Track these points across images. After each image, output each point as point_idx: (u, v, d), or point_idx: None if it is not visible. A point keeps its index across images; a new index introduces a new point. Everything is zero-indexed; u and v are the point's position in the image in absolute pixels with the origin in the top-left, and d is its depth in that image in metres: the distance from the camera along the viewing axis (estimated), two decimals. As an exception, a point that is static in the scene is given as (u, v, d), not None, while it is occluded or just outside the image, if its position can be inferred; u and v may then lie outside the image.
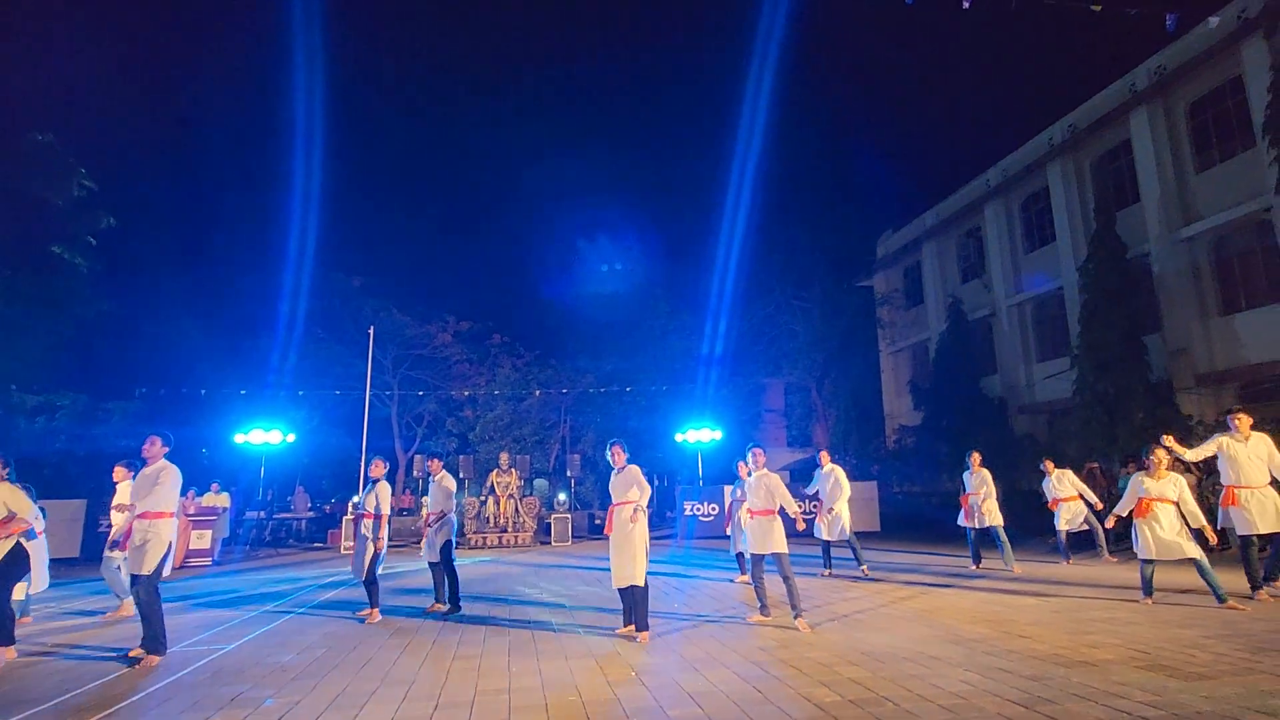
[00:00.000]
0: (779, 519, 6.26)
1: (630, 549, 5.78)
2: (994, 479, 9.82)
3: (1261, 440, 7.01)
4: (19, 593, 6.44)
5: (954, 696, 4.03)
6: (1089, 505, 10.17)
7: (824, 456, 9.70)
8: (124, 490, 7.10)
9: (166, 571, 5.51)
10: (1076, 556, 10.17)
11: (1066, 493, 10.21)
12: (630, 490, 5.98)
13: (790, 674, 4.61)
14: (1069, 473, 10.46)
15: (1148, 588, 6.77)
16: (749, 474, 6.54)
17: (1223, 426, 7.40)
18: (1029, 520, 13.62)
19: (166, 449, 5.61)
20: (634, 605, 5.81)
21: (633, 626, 5.84)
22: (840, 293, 27.19)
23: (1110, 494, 11.59)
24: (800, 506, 14.02)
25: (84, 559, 12.28)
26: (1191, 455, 7.26)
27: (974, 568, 9.57)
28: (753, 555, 6.35)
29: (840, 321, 26.43)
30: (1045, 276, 19.61)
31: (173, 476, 5.53)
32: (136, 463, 5.80)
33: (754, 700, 4.10)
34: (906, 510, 19.92)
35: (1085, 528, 10.14)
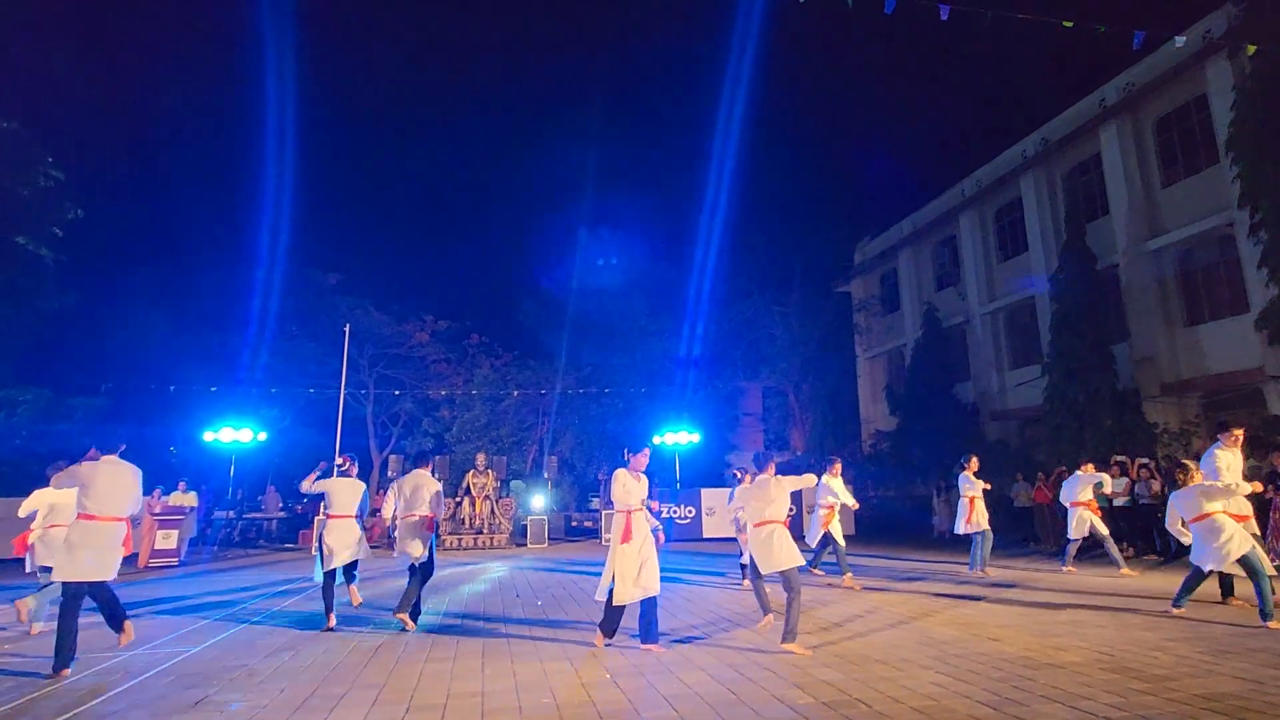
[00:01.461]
0: (781, 529, 5.63)
1: (654, 557, 5.57)
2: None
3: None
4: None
5: (925, 698, 4.08)
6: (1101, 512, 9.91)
7: (837, 466, 9.48)
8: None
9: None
10: (1086, 565, 10.13)
11: (1084, 498, 9.72)
12: (644, 497, 5.80)
13: (765, 676, 4.63)
14: (1093, 476, 9.88)
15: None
16: (751, 481, 6.21)
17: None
18: (999, 525, 13.84)
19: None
20: (649, 615, 5.48)
21: (607, 637, 5.62)
22: (818, 298, 27.50)
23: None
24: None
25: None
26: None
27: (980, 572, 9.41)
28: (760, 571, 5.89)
29: (818, 326, 26.71)
30: (1031, 280, 19.73)
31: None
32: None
33: (728, 702, 4.11)
34: (881, 514, 20.15)
35: (1089, 535, 9.65)
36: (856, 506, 9.74)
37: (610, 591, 5.49)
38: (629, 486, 5.70)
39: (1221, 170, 14.91)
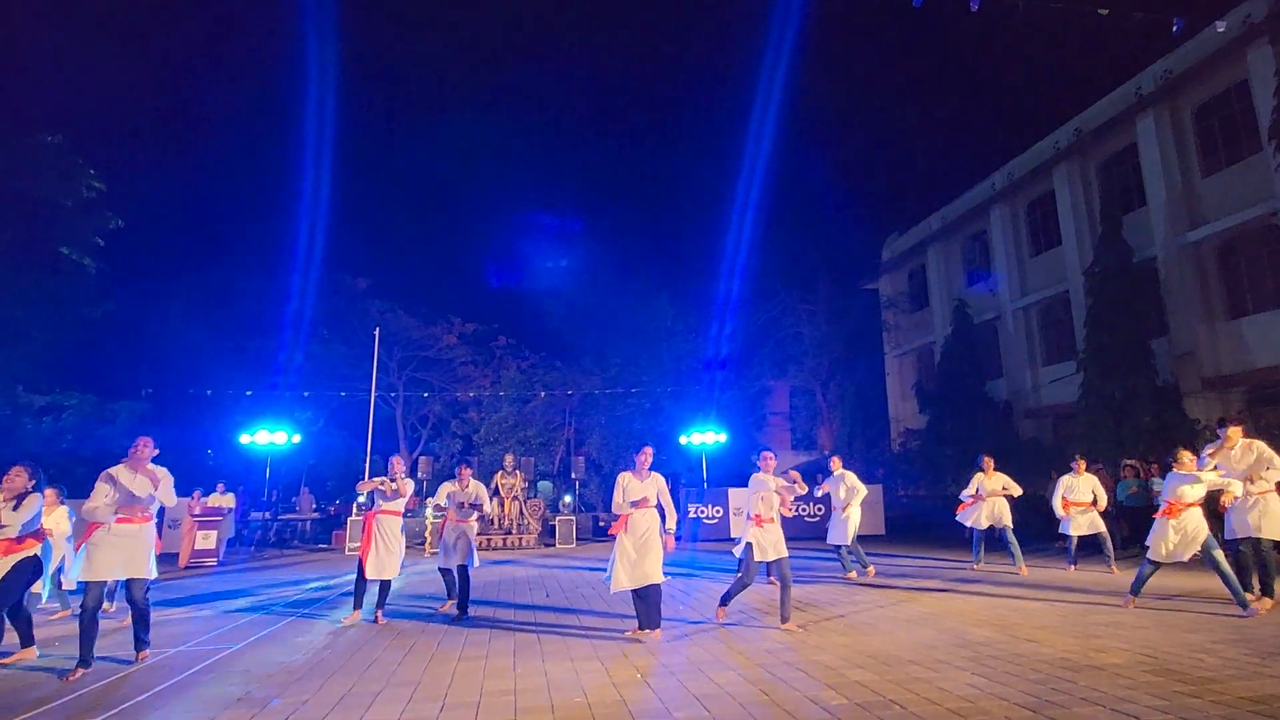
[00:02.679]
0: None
1: (657, 549, 5.87)
2: (1012, 482, 10.03)
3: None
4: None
5: (961, 700, 4.02)
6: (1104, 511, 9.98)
7: (835, 461, 9.79)
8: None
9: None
10: (1083, 562, 10.08)
11: (1083, 497, 9.80)
12: (656, 494, 6.08)
13: (797, 677, 4.60)
14: (1093, 477, 10.06)
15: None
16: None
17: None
18: (1033, 524, 13.58)
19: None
20: (653, 604, 5.86)
21: (643, 629, 5.85)
22: (845, 296, 27.20)
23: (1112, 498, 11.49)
24: (804, 509, 13.92)
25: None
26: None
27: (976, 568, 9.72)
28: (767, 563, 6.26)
29: (845, 324, 26.42)
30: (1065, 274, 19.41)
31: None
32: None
33: (760, 703, 4.09)
34: (911, 514, 19.87)
35: (1092, 533, 9.79)
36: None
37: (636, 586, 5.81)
38: (627, 488, 6.00)
39: (1264, 158, 14.42)
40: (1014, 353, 21.86)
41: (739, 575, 6.23)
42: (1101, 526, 9.67)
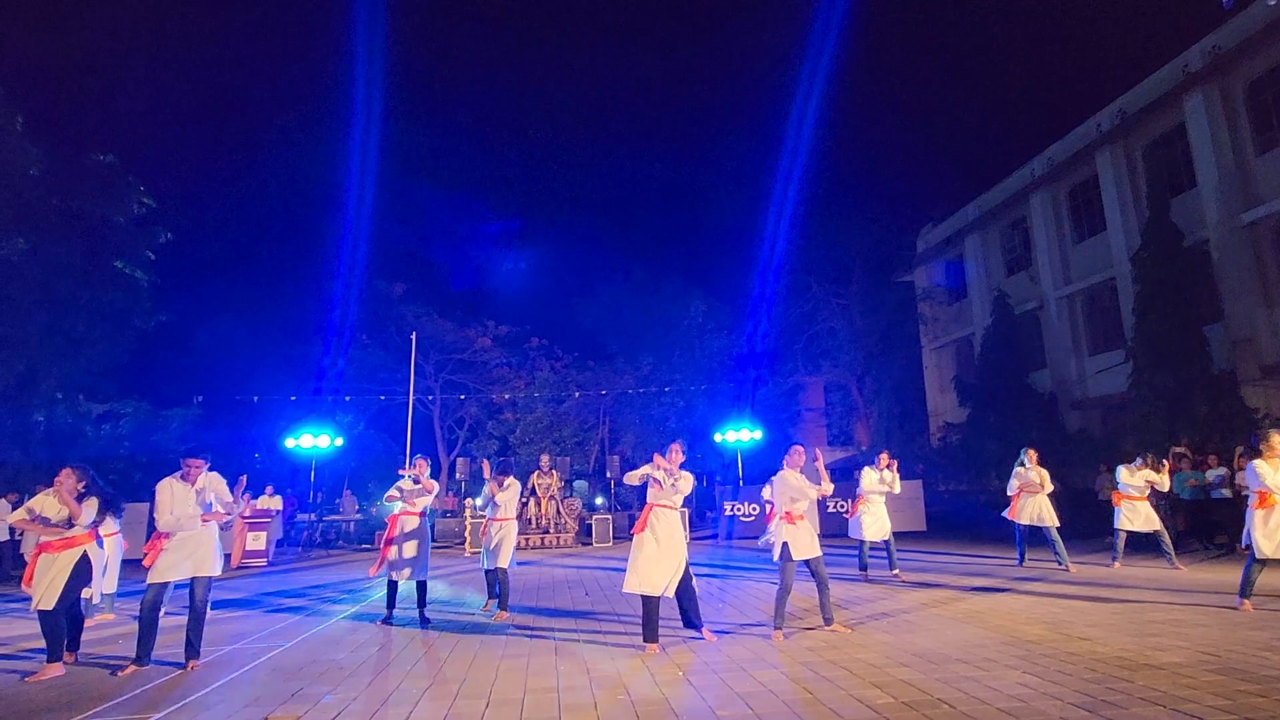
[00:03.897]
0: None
1: (682, 551, 5.66)
2: (1048, 477, 9.59)
3: None
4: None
5: (1012, 699, 3.93)
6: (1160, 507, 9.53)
7: (883, 458, 9.31)
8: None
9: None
10: (1136, 558, 9.69)
11: (1138, 490, 9.25)
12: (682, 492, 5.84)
13: (840, 675, 4.55)
14: (1145, 470, 9.35)
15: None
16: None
17: None
18: (1081, 519, 13.18)
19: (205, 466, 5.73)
20: (692, 604, 5.70)
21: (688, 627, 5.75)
22: (880, 288, 26.75)
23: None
24: (842, 505, 13.69)
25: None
26: None
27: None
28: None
29: (880, 318, 26.00)
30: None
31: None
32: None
33: (804, 701, 4.06)
34: (953, 510, 19.45)
35: (1149, 530, 9.17)
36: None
37: (667, 589, 5.56)
38: (667, 485, 5.75)
39: (1325, 133, 13.75)
40: (1058, 343, 21.25)
41: (781, 584, 5.89)
42: (1159, 523, 9.19)
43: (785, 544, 5.82)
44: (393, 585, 6.95)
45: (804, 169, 23.87)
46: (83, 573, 5.38)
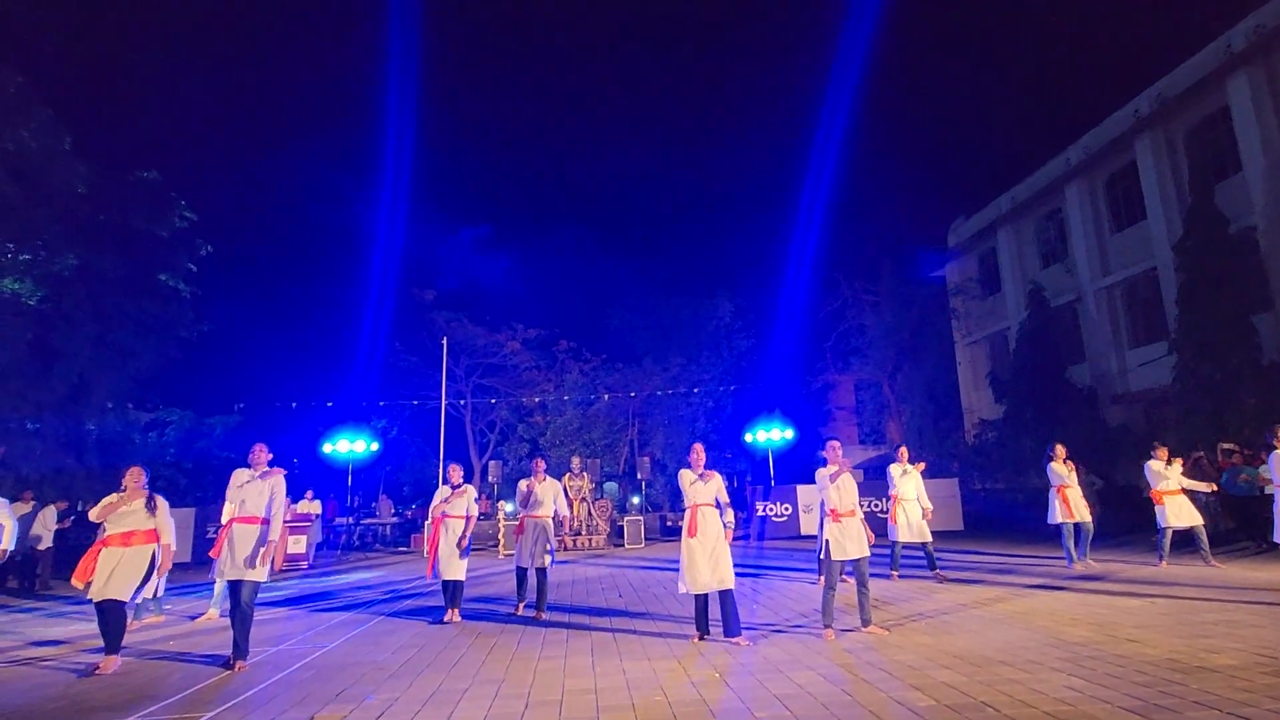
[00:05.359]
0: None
1: (725, 551, 5.73)
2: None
3: None
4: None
5: (1059, 703, 3.84)
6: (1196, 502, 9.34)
7: (903, 452, 9.32)
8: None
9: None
10: (1181, 556, 9.41)
11: (1170, 487, 9.16)
12: (716, 494, 5.91)
13: (879, 677, 4.50)
14: (1175, 465, 9.40)
15: None
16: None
17: None
18: (1125, 516, 12.82)
19: (270, 456, 5.99)
20: (730, 610, 5.66)
21: (727, 636, 5.67)
22: (910, 284, 26.36)
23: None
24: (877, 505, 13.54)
25: (194, 563, 13.20)
26: None
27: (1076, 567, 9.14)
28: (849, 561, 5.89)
29: (911, 314, 25.61)
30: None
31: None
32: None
33: (843, 703, 4.02)
34: (990, 508, 19.06)
35: (1188, 526, 9.02)
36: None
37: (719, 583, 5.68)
38: (689, 483, 5.87)
39: (1381, 111, 13.15)
40: (1097, 336, 20.68)
41: (823, 580, 5.88)
42: (1199, 519, 8.99)
43: (827, 542, 5.83)
44: (449, 585, 7.17)
45: (831, 165, 23.65)
46: (151, 569, 5.72)
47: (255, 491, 5.73)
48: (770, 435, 18.48)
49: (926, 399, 26.81)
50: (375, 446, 18.87)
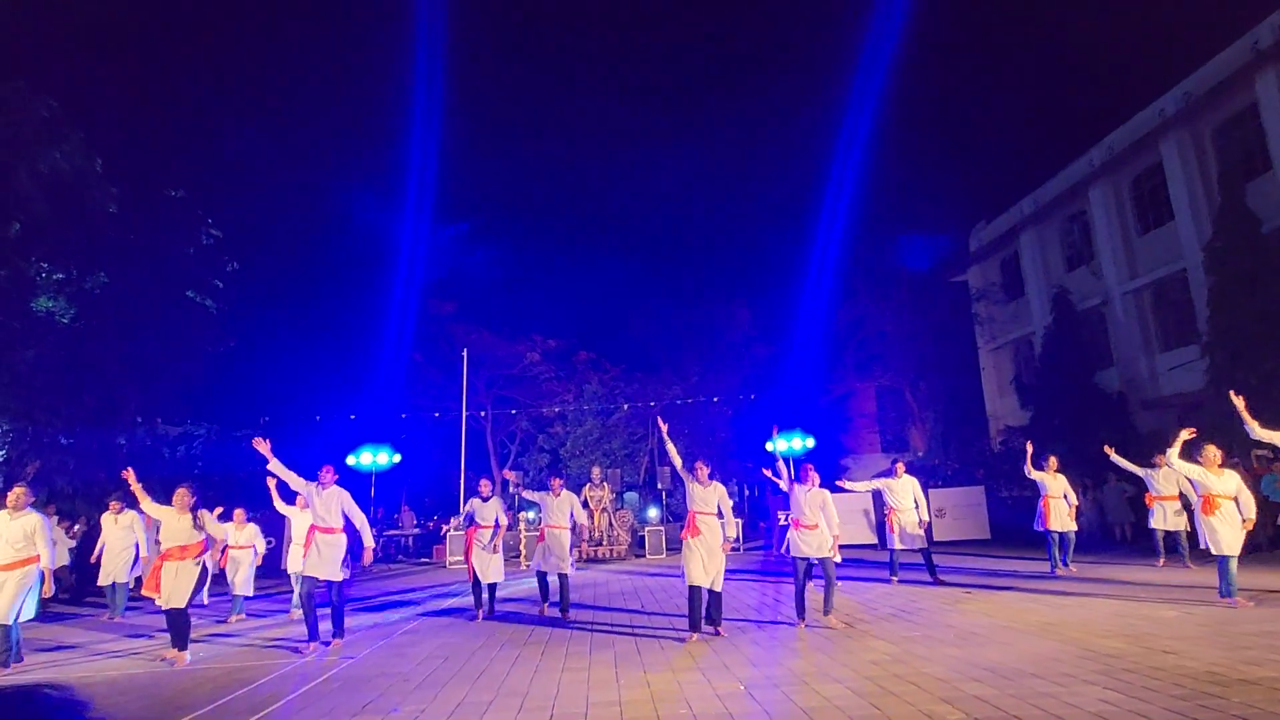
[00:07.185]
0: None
1: (720, 557, 6.41)
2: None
3: None
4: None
5: (1094, 716, 3.75)
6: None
7: (899, 467, 9.71)
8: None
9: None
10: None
11: (1168, 490, 9.77)
12: (717, 501, 6.58)
13: (907, 690, 4.43)
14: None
15: None
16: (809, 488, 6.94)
17: None
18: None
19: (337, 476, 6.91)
20: (716, 604, 6.41)
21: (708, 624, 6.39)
22: (931, 289, 26.09)
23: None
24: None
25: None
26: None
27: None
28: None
29: (933, 320, 25.31)
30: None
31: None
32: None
33: (871, 716, 3.96)
34: (1017, 516, 18.70)
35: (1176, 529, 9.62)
36: None
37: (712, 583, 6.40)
38: (692, 493, 6.66)
39: None
40: (1126, 340, 20.29)
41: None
42: (1184, 523, 9.36)
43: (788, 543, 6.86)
44: (479, 587, 7.91)
45: (849, 171, 23.53)
46: (203, 578, 6.51)
47: (323, 507, 6.69)
48: (791, 444, 18.34)
49: (949, 405, 26.43)
50: (397, 458, 19.03)
